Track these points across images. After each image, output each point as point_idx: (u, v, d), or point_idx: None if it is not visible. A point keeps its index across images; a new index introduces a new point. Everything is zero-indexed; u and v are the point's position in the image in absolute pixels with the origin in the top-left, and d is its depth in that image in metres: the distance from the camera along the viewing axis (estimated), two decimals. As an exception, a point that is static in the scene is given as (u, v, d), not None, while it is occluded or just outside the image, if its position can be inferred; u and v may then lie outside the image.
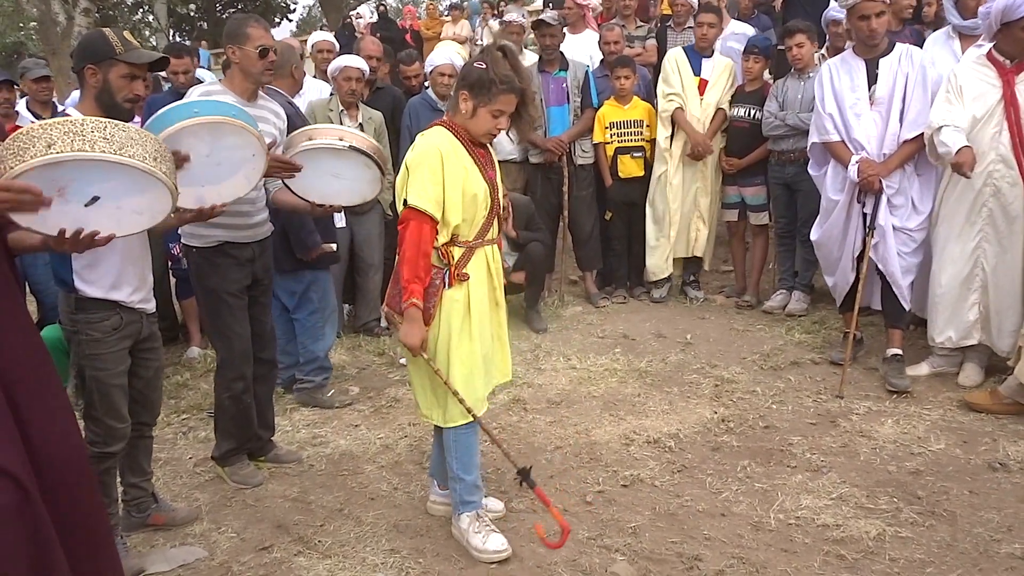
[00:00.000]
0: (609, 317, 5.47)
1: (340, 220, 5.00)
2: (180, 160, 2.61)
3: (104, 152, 2.09)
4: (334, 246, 4.27)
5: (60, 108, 5.05)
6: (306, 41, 6.60)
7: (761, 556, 2.75)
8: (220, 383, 3.39)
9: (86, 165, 2.08)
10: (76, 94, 5.01)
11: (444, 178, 2.65)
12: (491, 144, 2.87)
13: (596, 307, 5.66)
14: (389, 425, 4.00)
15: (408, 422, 4.01)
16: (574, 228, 5.80)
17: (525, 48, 6.14)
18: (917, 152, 3.95)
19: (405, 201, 2.67)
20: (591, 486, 3.29)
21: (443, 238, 2.71)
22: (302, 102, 4.82)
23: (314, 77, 5.91)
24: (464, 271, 2.75)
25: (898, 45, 4.02)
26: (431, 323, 2.73)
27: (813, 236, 4.30)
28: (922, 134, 3.87)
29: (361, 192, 3.31)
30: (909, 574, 2.61)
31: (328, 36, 6.25)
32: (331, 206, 3.34)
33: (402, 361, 4.82)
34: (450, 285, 2.74)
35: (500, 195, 2.85)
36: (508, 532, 2.99)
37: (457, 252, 2.75)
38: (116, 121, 2.19)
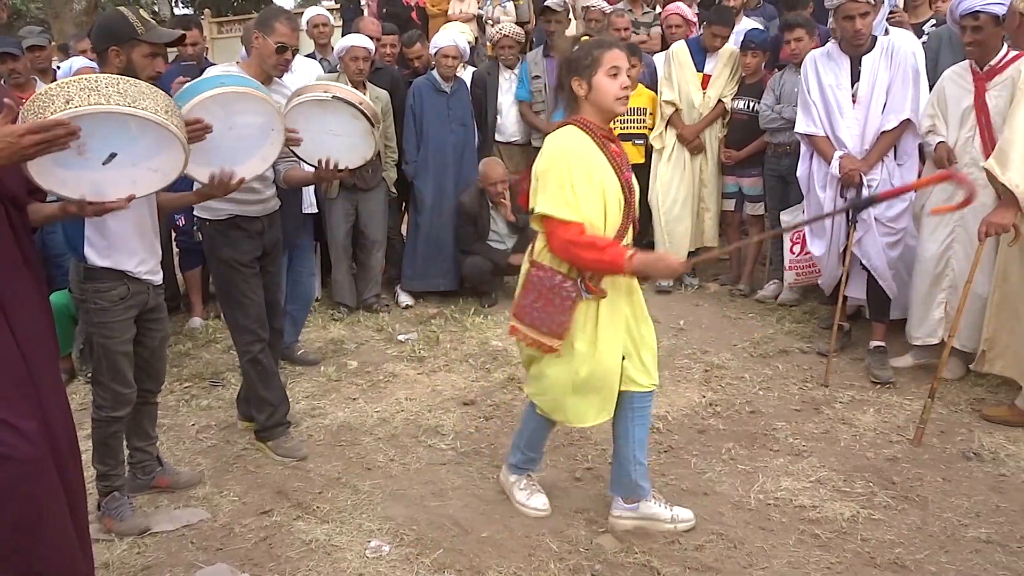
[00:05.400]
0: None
1: (310, 206, 5.05)
2: (203, 129, 2.71)
3: (119, 105, 2.19)
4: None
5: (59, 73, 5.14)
6: (300, 16, 6.59)
7: (739, 533, 2.88)
8: (239, 349, 3.50)
9: (102, 119, 2.18)
10: (70, 63, 5.08)
11: (573, 180, 2.53)
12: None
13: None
14: (387, 399, 4.11)
15: (405, 396, 4.13)
16: (574, 212, 5.87)
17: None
18: (895, 142, 4.06)
19: (533, 210, 2.59)
20: (580, 463, 3.42)
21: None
22: (292, 80, 4.79)
23: (307, 56, 5.93)
24: (601, 287, 2.64)
25: (880, 40, 4.08)
26: (566, 336, 2.64)
27: (816, 251, 4.37)
28: (900, 125, 3.99)
29: (359, 148, 3.37)
30: (879, 554, 2.74)
31: (323, 10, 6.28)
32: (336, 167, 3.40)
33: (400, 338, 4.93)
34: (587, 292, 2.63)
35: (635, 198, 2.71)
36: (497, 504, 3.12)
37: None
38: (128, 78, 2.29)
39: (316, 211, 5.09)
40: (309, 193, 4.63)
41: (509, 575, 2.70)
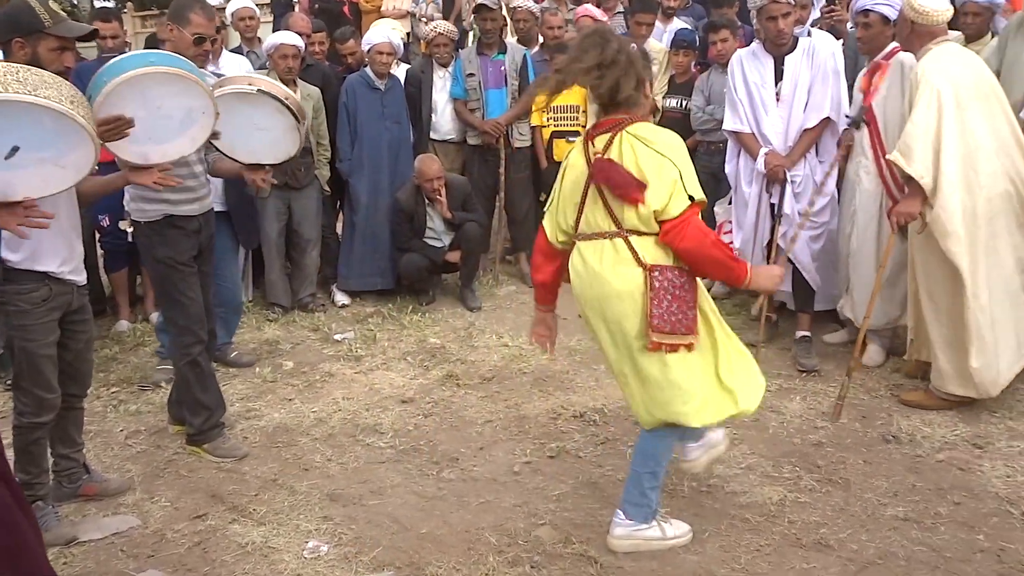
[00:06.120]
0: (541, 297, 5.62)
1: (218, 204, 4.95)
2: (124, 125, 2.64)
3: (18, 93, 2.10)
4: None
5: None
6: (224, 10, 6.41)
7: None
8: (177, 349, 3.43)
9: (2, 109, 2.09)
10: None
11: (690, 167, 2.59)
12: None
13: (529, 287, 5.80)
14: (323, 399, 4.07)
15: (342, 396, 4.10)
16: (510, 209, 5.92)
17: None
18: (817, 139, 4.24)
19: (688, 198, 2.53)
20: (519, 457, 3.45)
21: None
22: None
23: (233, 50, 5.80)
24: None
25: (801, 40, 4.24)
26: (697, 329, 2.59)
27: (736, 242, 4.51)
28: (820, 123, 4.16)
29: (282, 144, 3.35)
30: (804, 534, 2.85)
31: (248, 2, 6.13)
32: (262, 167, 3.38)
33: (337, 337, 4.88)
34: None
35: None
36: (437, 500, 3.14)
37: None
38: (29, 66, 2.21)
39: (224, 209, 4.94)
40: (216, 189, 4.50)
41: (449, 569, 2.72)
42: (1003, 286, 3.63)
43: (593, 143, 2.64)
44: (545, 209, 2.83)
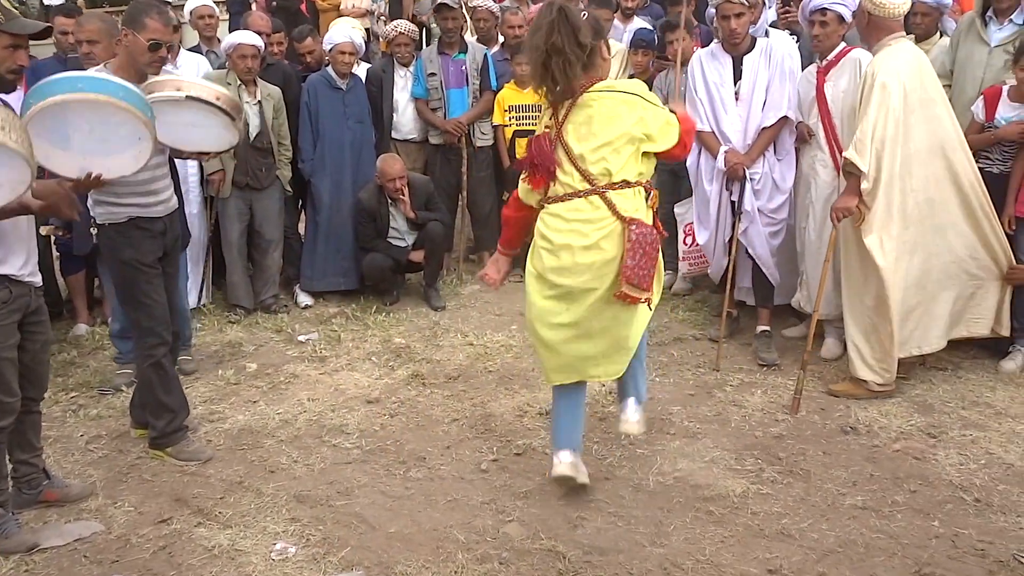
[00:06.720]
0: (506, 295, 5.61)
1: (194, 205, 4.94)
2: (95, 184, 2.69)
3: None
4: None
5: None
6: (181, 8, 6.30)
7: (639, 514, 3.00)
8: (140, 352, 3.38)
9: None
10: None
11: None
12: None
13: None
14: (288, 400, 4.05)
15: (307, 397, 4.07)
16: (473, 208, 5.93)
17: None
18: (775, 137, 4.34)
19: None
20: (485, 455, 3.47)
21: (648, 171, 2.81)
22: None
23: (192, 49, 5.71)
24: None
25: (759, 41, 4.34)
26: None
27: (701, 239, 4.59)
28: (778, 121, 4.27)
29: (225, 136, 3.36)
30: (767, 525, 2.92)
31: (207, 0, 6.04)
32: (201, 152, 3.44)
33: (301, 338, 4.85)
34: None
35: None
36: (405, 500, 3.15)
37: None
38: None
39: None
40: None
41: (417, 568, 2.73)
42: (917, 283, 3.81)
43: (556, 111, 2.78)
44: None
